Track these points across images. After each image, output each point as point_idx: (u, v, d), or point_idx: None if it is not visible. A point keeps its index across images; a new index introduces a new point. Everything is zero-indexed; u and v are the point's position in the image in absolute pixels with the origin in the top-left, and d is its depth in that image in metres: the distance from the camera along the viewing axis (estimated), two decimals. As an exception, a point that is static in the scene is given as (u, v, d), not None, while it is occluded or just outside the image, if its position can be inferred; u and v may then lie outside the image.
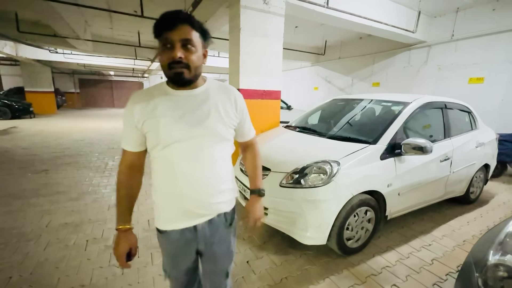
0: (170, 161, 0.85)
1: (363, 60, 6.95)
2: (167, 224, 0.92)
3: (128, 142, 0.88)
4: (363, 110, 2.75)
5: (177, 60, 0.76)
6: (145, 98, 0.85)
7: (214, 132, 0.87)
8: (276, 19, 3.30)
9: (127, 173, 0.90)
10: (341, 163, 1.83)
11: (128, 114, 0.85)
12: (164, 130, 0.83)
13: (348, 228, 1.86)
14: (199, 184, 0.87)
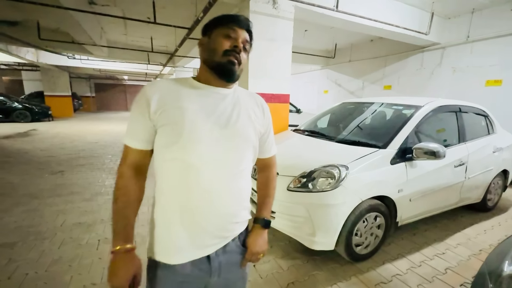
0: (190, 165, 0.69)
1: (374, 63, 6.85)
2: (176, 254, 0.71)
3: (136, 137, 0.71)
4: (373, 113, 2.71)
5: (238, 50, 0.73)
6: (167, 86, 0.73)
7: (244, 135, 0.77)
8: (285, 24, 3.32)
9: (131, 177, 0.72)
10: (350, 167, 1.80)
11: (142, 103, 0.69)
12: (189, 123, 0.69)
13: (357, 234, 1.83)
14: (224, 197, 0.73)
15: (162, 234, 0.72)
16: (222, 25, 0.74)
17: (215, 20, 0.76)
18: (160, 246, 0.72)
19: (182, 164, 0.69)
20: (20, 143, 6.06)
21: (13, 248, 1.98)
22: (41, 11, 4.11)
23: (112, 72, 14.01)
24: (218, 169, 0.72)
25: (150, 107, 0.68)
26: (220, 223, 0.74)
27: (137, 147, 0.72)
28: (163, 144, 0.70)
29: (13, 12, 5.30)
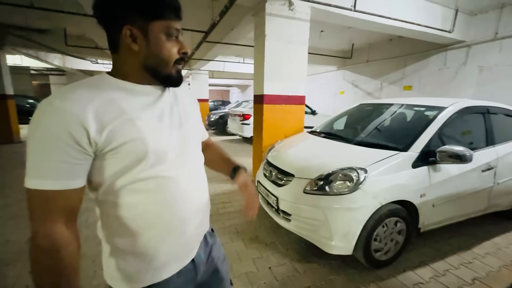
0: (164, 178, 0.61)
1: (394, 63, 6.64)
2: (164, 271, 0.65)
3: (63, 175, 0.50)
4: (393, 115, 2.62)
5: (186, 58, 0.64)
6: (94, 94, 0.54)
7: (197, 133, 0.75)
8: (301, 25, 3.30)
9: (63, 231, 0.52)
10: (369, 170, 1.75)
11: (68, 125, 0.49)
12: (151, 136, 0.58)
13: (376, 239, 1.77)
14: (201, 195, 0.73)
15: (140, 260, 0.62)
16: (161, 16, 0.57)
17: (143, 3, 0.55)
18: (143, 273, 0.63)
19: (154, 181, 0.59)
20: (48, 144, 6.42)
21: (42, 242, 2.10)
22: (68, 19, 4.36)
23: (131, 76, 14.53)
24: (188, 170, 0.67)
25: (88, 129, 0.50)
26: (202, 220, 0.74)
27: (67, 188, 0.51)
28: (123, 168, 0.56)
29: (43, 21, 5.67)
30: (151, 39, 0.58)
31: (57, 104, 0.49)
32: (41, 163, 0.49)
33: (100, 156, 0.54)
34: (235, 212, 2.76)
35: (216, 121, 9.04)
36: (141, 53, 0.59)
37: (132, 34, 0.57)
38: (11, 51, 6.99)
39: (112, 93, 0.57)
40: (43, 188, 0.49)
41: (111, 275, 0.63)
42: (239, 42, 5.44)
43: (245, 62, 9.32)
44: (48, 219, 0.51)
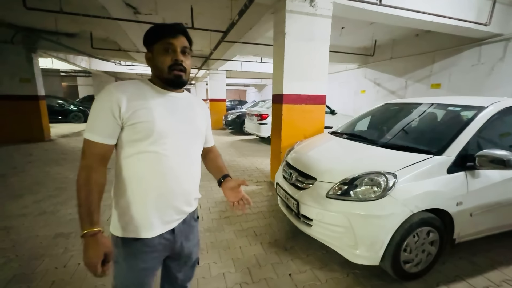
0: (163, 155, 0.83)
1: (420, 60, 6.27)
2: (148, 230, 0.84)
3: (104, 133, 0.78)
4: (422, 115, 2.44)
5: (179, 62, 0.85)
6: (132, 89, 0.83)
7: (201, 131, 0.98)
8: (322, 22, 3.19)
9: (97, 168, 0.79)
10: (398, 175, 1.63)
11: (111, 102, 0.77)
12: (159, 122, 0.82)
13: (406, 249, 1.64)
14: (190, 180, 0.93)
15: (135, 215, 0.84)
16: (158, 40, 0.84)
17: (151, 35, 0.86)
18: (132, 225, 0.84)
19: (155, 155, 0.82)
20: (74, 142, 6.78)
21: (68, 238, 2.18)
22: (94, 23, 4.54)
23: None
24: (183, 157, 0.89)
25: (121, 107, 0.78)
26: (185, 200, 0.92)
27: (105, 142, 0.79)
28: (136, 139, 0.81)
29: (72, 25, 5.96)
30: (154, 55, 0.86)
31: (110, 88, 0.81)
32: (94, 122, 0.79)
33: (125, 128, 0.80)
34: (252, 214, 2.71)
35: (233, 120, 9.06)
36: (152, 67, 0.88)
37: (147, 56, 0.89)
38: (43, 54, 7.45)
39: (146, 90, 0.86)
40: (89, 138, 0.79)
41: (113, 224, 0.88)
42: (257, 41, 5.39)
43: (263, 62, 9.25)
44: (88, 158, 0.79)
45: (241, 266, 1.86)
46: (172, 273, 1.05)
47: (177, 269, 1.04)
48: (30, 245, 2.07)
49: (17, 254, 1.94)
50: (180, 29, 0.86)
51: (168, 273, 1.05)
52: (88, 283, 1.65)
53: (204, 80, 14.57)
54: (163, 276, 1.08)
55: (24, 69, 6.35)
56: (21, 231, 2.27)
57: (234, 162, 4.97)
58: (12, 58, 6.19)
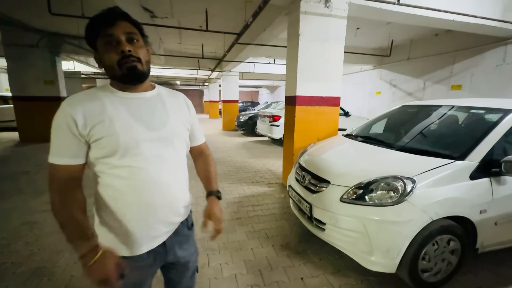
0: (137, 168, 0.74)
1: (440, 60, 6.04)
2: (134, 248, 0.79)
3: (67, 153, 0.71)
4: (442, 118, 2.35)
5: (127, 54, 0.71)
6: (87, 100, 0.72)
7: (177, 133, 0.85)
8: (337, 22, 3.14)
9: (71, 190, 0.73)
10: (417, 180, 1.57)
11: (66, 119, 0.69)
12: (124, 133, 0.72)
13: (425, 258, 1.57)
14: (173, 189, 0.83)
15: (118, 233, 0.77)
16: (98, 34, 0.72)
17: (89, 31, 0.73)
18: (117, 244, 0.78)
19: (127, 170, 0.74)
20: (93, 141, 7.03)
21: (86, 234, 2.26)
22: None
23: (167, 78, 15.39)
24: (161, 165, 0.79)
25: (77, 123, 0.69)
26: (171, 211, 0.84)
27: (70, 163, 0.72)
28: (103, 155, 0.73)
29: (92, 29, 6.21)
30: (100, 54, 0.74)
31: (62, 105, 0.71)
32: (55, 144, 0.71)
33: (91, 145, 0.73)
34: (264, 216, 2.70)
35: (245, 122, 9.10)
36: (104, 68, 0.75)
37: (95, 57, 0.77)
38: (65, 57, 7.80)
39: (104, 98, 0.75)
40: (52, 162, 0.71)
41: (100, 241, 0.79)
42: (271, 42, 5.39)
43: (276, 63, 9.24)
44: (56, 183, 0.72)
45: (253, 268, 1.86)
46: (173, 283, 1.01)
47: (177, 279, 1.00)
48: (51, 240, 2.16)
49: (39, 248, 2.04)
50: (117, 13, 0.72)
51: (169, 283, 1.02)
52: (105, 278, 1.70)
53: (217, 82, 14.75)
54: (166, 286, 1.05)
55: (48, 71, 6.68)
56: (43, 226, 2.38)
57: (246, 163, 4.99)
58: (37, 62, 6.53)
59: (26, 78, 6.54)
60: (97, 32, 0.71)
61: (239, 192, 3.39)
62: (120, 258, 0.74)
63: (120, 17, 0.73)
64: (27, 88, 6.61)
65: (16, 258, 1.90)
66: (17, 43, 6.24)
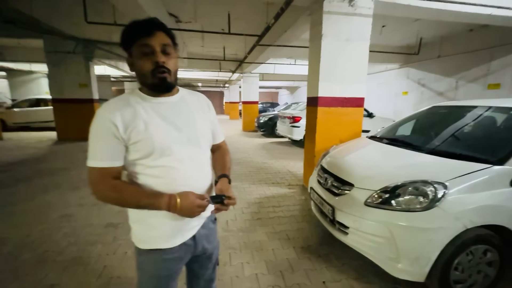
0: (170, 167, 0.80)
1: (475, 57, 5.63)
2: (168, 241, 0.84)
3: (109, 157, 0.76)
4: (477, 119, 2.19)
5: (160, 65, 0.76)
6: (122, 106, 0.78)
7: (202, 133, 0.90)
8: (362, 21, 3.06)
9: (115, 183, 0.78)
10: (449, 186, 1.48)
11: (108, 124, 0.74)
12: (158, 136, 0.78)
13: (458, 268, 1.48)
14: (201, 185, 0.89)
15: (154, 228, 0.83)
16: (134, 41, 0.76)
17: (126, 37, 0.77)
18: (153, 237, 0.84)
19: (163, 169, 0.80)
20: (121, 141, 7.45)
21: (116, 228, 2.41)
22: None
23: (189, 80, 15.89)
24: (190, 164, 0.85)
25: (118, 128, 0.74)
26: None
27: (114, 165, 0.77)
28: (140, 157, 0.79)
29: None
30: (134, 61, 0.79)
31: (101, 113, 0.76)
32: (96, 148, 0.76)
33: (128, 147, 0.78)
34: (285, 217, 2.70)
35: (265, 123, 9.12)
36: (136, 73, 0.81)
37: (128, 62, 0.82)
38: (98, 62, 8.34)
39: (135, 104, 0.80)
40: (95, 166, 0.76)
41: (133, 236, 0.88)
42: (292, 43, 5.37)
43: (297, 64, 9.17)
44: (102, 182, 0.76)
45: (274, 268, 1.86)
46: (196, 276, 1.05)
47: (201, 271, 1.04)
48: (86, 231, 2.34)
49: (76, 239, 2.21)
50: (156, 24, 0.76)
51: (193, 276, 1.06)
52: (134, 270, 1.80)
53: (238, 83, 14.93)
54: (189, 280, 1.09)
55: (83, 75, 7.20)
56: (78, 219, 2.58)
57: (266, 164, 5.00)
58: (74, 66, 7.07)
59: (63, 82, 7.11)
60: (134, 39, 0.76)
61: (259, 192, 3.41)
62: (194, 194, 0.80)
63: (158, 28, 0.77)
64: (64, 91, 7.18)
65: (56, 247, 2.08)
66: (56, 50, 6.80)
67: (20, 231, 2.31)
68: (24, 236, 2.24)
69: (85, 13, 3.74)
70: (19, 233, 2.28)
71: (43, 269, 1.81)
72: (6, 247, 2.07)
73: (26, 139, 7.34)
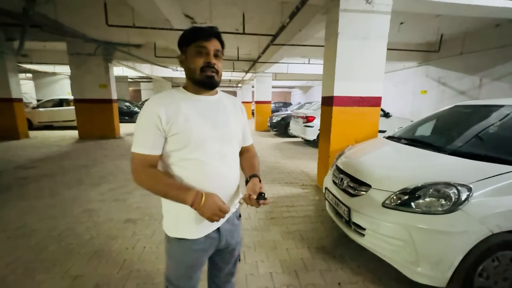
0: (202, 161, 0.86)
1: (501, 54, 5.34)
2: (195, 231, 0.90)
3: (152, 145, 0.84)
4: (504, 119, 2.08)
5: (212, 64, 0.86)
6: (167, 100, 0.86)
7: (235, 133, 0.98)
8: (380, 18, 2.99)
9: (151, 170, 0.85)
10: (474, 188, 1.42)
11: (154, 116, 0.82)
12: (196, 130, 0.85)
13: (482, 274, 1.42)
14: (229, 182, 0.95)
15: (182, 218, 0.90)
16: (192, 42, 0.86)
17: (185, 38, 0.88)
18: (181, 227, 0.91)
19: (196, 162, 0.86)
20: (138, 139, 7.69)
21: (135, 224, 2.50)
22: (158, 34, 5.09)
23: (203, 80, 16.12)
24: (221, 161, 0.91)
25: (162, 120, 0.82)
26: (227, 201, 0.92)
27: (154, 153, 0.85)
28: (176, 149, 0.86)
29: (140, 37, 6.80)
30: (187, 58, 0.89)
31: (149, 104, 0.85)
32: (141, 136, 0.85)
33: (167, 139, 0.85)
34: (299, 217, 2.68)
35: (278, 123, 9.10)
36: (186, 69, 0.90)
37: (180, 58, 0.92)
38: (116, 64, 8.65)
39: (179, 100, 0.88)
40: (140, 152, 0.85)
41: (164, 224, 0.96)
42: (306, 42, 5.32)
43: (310, 63, 9.07)
44: (142, 167, 0.85)
45: (288, 268, 1.86)
46: (217, 268, 1.10)
47: (222, 265, 1.08)
48: (106, 226, 2.44)
49: (97, 233, 2.31)
50: (214, 32, 0.88)
51: (214, 268, 1.11)
52: (153, 264, 1.87)
53: (250, 83, 14.97)
54: (210, 271, 1.13)
55: (102, 76, 7.49)
56: (100, 214, 2.69)
57: (279, 164, 4.99)
58: (94, 68, 7.37)
59: (84, 82, 7.43)
60: (193, 41, 0.87)
61: (273, 192, 3.42)
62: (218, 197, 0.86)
63: (215, 35, 0.88)
64: (85, 92, 7.50)
65: (80, 240, 2.18)
66: (78, 52, 7.12)
67: (46, 224, 2.45)
68: (51, 228, 2.37)
69: (106, 17, 3.89)
70: (46, 226, 2.42)
71: (68, 260, 1.91)
72: (34, 239, 2.20)
73: (50, 138, 7.74)
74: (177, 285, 0.97)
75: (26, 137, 7.49)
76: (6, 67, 6.79)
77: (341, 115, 3.15)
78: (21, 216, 2.62)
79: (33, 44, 7.82)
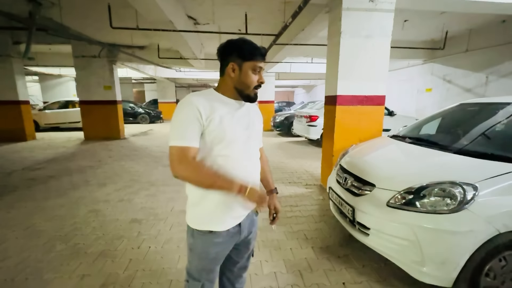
0: (232, 158, 0.94)
1: (507, 50, 5.25)
2: (220, 224, 0.96)
3: (194, 138, 0.88)
4: (510, 117, 2.05)
5: (260, 84, 0.97)
6: (205, 99, 0.91)
7: (258, 135, 1.08)
8: (383, 16, 2.97)
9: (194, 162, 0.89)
10: (480, 187, 1.41)
11: (194, 110, 0.87)
12: (229, 128, 0.92)
13: (489, 274, 1.41)
14: (254, 179, 1.02)
15: (208, 211, 0.95)
16: (250, 59, 0.92)
17: (241, 51, 0.91)
18: (206, 220, 0.96)
19: (227, 158, 0.93)
20: (142, 140, 7.76)
21: (140, 224, 2.52)
22: (161, 35, 5.14)
23: (206, 81, 16.15)
24: (248, 158, 1.00)
25: (201, 115, 0.87)
26: None
27: (194, 146, 0.89)
28: (210, 143, 0.91)
29: (143, 39, 6.86)
30: (242, 72, 0.94)
31: (190, 99, 0.90)
32: (184, 130, 0.88)
33: (204, 133, 0.90)
34: (302, 217, 2.68)
35: (281, 122, 9.09)
36: (235, 79, 0.95)
37: (233, 67, 0.94)
38: (120, 65, 8.73)
39: (215, 100, 0.94)
40: (183, 145, 0.87)
41: (188, 216, 1.01)
42: (309, 42, 5.30)
43: (313, 62, 9.04)
44: (186, 160, 0.87)
45: (292, 267, 1.87)
46: (232, 262, 1.15)
47: (236, 258, 1.14)
48: (112, 226, 2.47)
49: (103, 233, 2.34)
50: (265, 53, 0.97)
51: (228, 261, 1.15)
52: (158, 264, 1.89)
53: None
54: (224, 264, 1.15)
55: (107, 78, 7.57)
56: (105, 214, 2.73)
57: (282, 163, 4.99)
58: (99, 70, 7.45)
59: (89, 84, 7.51)
60: (252, 58, 0.92)
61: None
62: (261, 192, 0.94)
63: (265, 56, 0.97)
64: (90, 93, 7.58)
65: (86, 241, 2.22)
66: (83, 55, 7.20)
67: (54, 224, 2.49)
68: (58, 228, 2.41)
69: (110, 19, 3.94)
70: (53, 226, 2.46)
71: (75, 260, 1.94)
72: (42, 239, 2.24)
73: (56, 139, 7.85)
74: (198, 278, 1.02)
75: (33, 139, 7.61)
76: (13, 70, 6.90)
77: (345, 114, 3.14)
78: (29, 216, 2.67)
79: (39, 47, 7.94)
